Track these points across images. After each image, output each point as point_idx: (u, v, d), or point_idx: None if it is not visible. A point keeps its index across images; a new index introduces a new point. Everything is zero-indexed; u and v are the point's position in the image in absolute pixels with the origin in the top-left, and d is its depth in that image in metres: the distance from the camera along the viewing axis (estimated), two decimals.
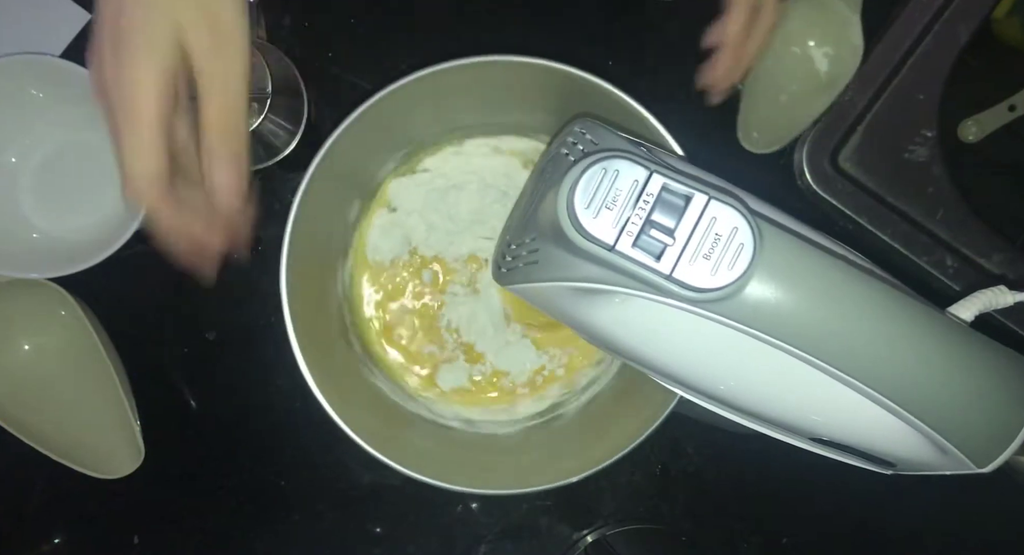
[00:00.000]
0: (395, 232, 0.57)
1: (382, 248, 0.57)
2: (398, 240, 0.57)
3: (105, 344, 0.57)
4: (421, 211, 0.57)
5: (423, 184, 0.57)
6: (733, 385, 0.41)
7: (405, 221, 0.58)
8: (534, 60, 0.49)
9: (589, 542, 0.61)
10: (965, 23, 0.59)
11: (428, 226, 0.58)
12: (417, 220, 0.58)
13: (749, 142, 0.59)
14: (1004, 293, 0.42)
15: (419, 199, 0.58)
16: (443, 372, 0.58)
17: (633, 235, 0.35)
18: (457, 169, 0.58)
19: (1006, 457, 0.38)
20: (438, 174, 0.58)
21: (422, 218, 0.58)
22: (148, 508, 0.62)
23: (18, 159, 0.59)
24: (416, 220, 0.58)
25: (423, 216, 0.57)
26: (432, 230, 0.58)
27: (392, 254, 0.58)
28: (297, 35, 0.61)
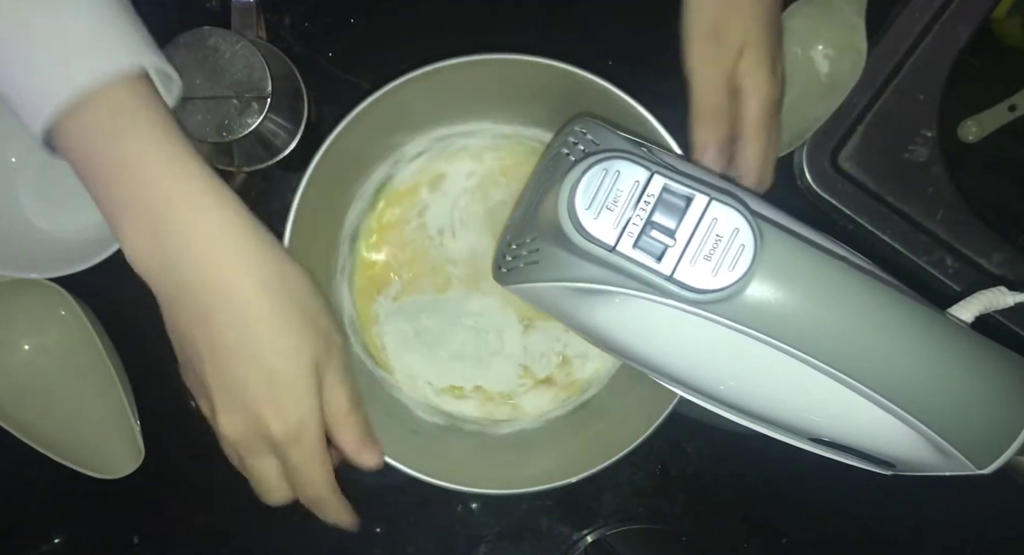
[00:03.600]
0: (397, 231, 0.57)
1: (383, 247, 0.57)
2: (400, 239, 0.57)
3: (105, 344, 0.57)
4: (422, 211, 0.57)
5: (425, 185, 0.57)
6: (733, 385, 0.41)
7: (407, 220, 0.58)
8: (534, 58, 0.49)
9: (589, 542, 0.61)
10: (965, 23, 0.59)
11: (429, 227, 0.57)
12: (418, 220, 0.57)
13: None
14: (1004, 294, 0.42)
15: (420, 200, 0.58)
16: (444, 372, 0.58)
17: (634, 236, 0.35)
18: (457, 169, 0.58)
19: (1006, 458, 0.38)
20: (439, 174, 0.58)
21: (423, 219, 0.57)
22: (148, 508, 0.62)
23: (18, 159, 0.59)
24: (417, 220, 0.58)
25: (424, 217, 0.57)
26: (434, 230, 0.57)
27: (393, 254, 0.57)
28: (297, 35, 0.61)
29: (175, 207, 0.38)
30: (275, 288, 0.40)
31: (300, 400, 0.40)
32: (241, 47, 0.49)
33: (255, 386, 0.40)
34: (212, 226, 0.39)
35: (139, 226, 0.39)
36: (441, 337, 0.58)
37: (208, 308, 0.39)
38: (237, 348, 0.39)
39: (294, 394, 0.40)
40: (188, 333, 0.40)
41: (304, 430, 0.41)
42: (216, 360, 0.40)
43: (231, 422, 0.41)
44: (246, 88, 0.49)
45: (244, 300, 0.39)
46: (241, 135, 0.50)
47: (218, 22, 0.50)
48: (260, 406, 0.40)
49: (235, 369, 0.40)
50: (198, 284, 0.39)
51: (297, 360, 0.40)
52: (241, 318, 0.39)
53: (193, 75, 0.49)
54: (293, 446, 0.41)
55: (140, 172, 0.38)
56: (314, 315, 0.42)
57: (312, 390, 0.41)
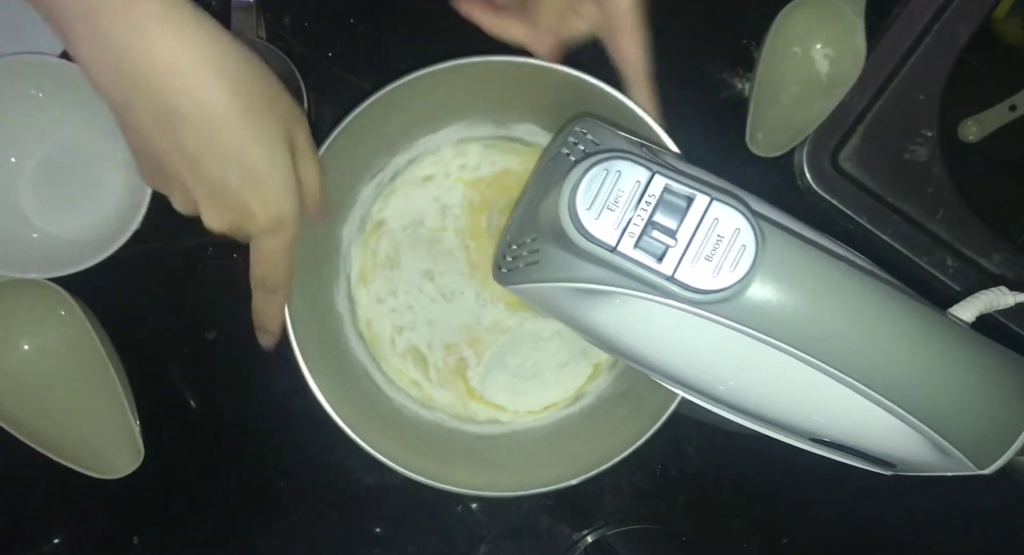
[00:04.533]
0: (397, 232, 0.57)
1: (384, 248, 0.57)
2: (400, 239, 0.57)
3: (105, 344, 0.57)
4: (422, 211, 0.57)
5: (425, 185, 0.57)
6: (734, 386, 0.41)
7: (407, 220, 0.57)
8: (535, 61, 0.49)
9: (589, 542, 0.61)
10: (965, 23, 0.59)
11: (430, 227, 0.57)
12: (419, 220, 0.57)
13: (755, 145, 0.59)
14: (1005, 294, 0.42)
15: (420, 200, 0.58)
16: (444, 371, 0.58)
17: (635, 236, 0.35)
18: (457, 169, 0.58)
19: (1007, 458, 0.38)
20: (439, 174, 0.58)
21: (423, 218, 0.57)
22: (148, 508, 0.62)
23: (18, 159, 0.59)
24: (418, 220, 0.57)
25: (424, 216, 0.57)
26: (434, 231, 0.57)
27: (394, 254, 0.57)
28: (297, 35, 0.61)
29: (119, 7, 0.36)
30: (236, 76, 0.38)
31: (283, 186, 0.40)
32: None
33: (236, 180, 0.39)
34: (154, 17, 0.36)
35: (86, 31, 0.37)
36: (443, 338, 0.58)
37: (167, 105, 0.37)
38: (207, 144, 0.38)
39: (277, 182, 0.40)
40: (150, 134, 0.39)
41: (289, 215, 0.41)
42: (188, 160, 0.39)
43: (218, 216, 0.41)
44: None
45: (203, 93, 0.37)
46: None
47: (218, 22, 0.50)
48: (246, 197, 0.40)
49: (211, 165, 0.39)
50: (152, 81, 0.37)
51: (270, 147, 0.40)
52: (204, 112, 0.38)
53: None
54: (276, 232, 0.41)
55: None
56: (273, 95, 0.40)
57: (290, 175, 0.41)
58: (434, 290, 0.57)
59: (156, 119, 0.38)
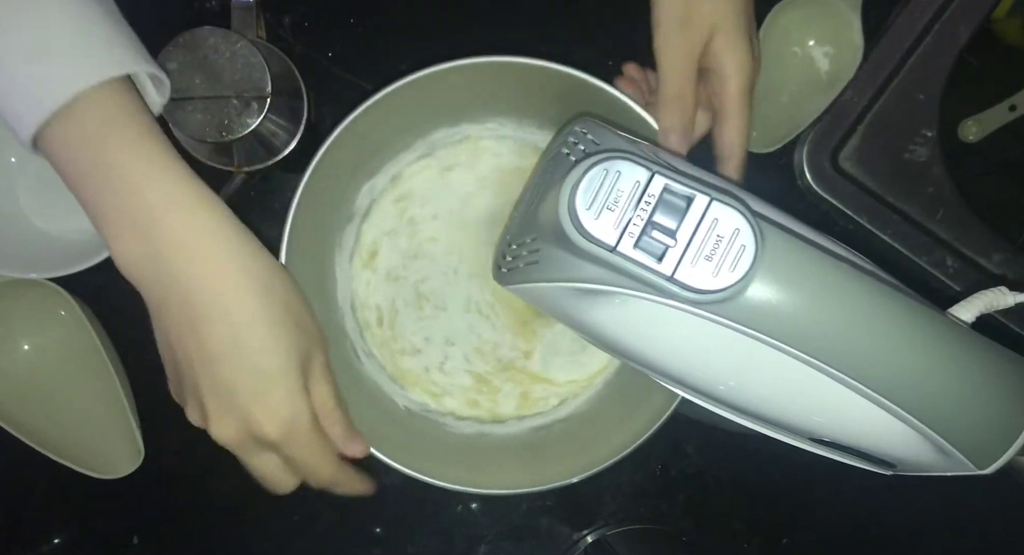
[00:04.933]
0: (397, 232, 0.57)
1: (384, 248, 0.57)
2: (400, 240, 0.57)
3: (105, 344, 0.57)
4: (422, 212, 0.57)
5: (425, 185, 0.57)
6: (734, 386, 0.41)
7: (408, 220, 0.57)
8: (534, 61, 0.49)
9: (589, 542, 0.61)
10: (965, 23, 0.59)
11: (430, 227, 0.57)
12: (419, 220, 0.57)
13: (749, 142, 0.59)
14: (1005, 294, 0.42)
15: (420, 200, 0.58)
16: (444, 371, 0.58)
17: (635, 236, 0.35)
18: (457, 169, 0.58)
19: (1007, 458, 0.38)
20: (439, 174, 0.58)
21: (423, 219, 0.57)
22: (148, 508, 0.62)
23: (18, 159, 0.59)
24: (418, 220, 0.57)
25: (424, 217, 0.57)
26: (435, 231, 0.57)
27: (394, 254, 0.57)
28: (297, 35, 0.61)
29: (161, 211, 0.39)
30: (263, 288, 0.40)
31: (290, 397, 0.41)
32: (241, 47, 0.49)
33: (244, 387, 0.40)
34: (198, 228, 0.39)
35: (126, 231, 0.39)
36: (442, 337, 0.58)
37: (197, 310, 0.39)
38: (227, 350, 0.39)
39: (283, 392, 0.41)
40: (177, 337, 0.40)
41: (297, 425, 0.41)
42: (205, 364, 0.40)
43: (224, 426, 0.41)
44: (246, 88, 0.49)
45: (234, 301, 0.39)
46: (241, 135, 0.50)
47: (218, 22, 0.50)
48: (251, 407, 0.40)
49: (224, 372, 0.40)
50: (186, 286, 0.39)
51: (285, 359, 0.41)
52: (231, 319, 0.39)
53: (193, 75, 0.49)
54: (290, 442, 0.42)
55: (124, 179, 0.38)
56: (298, 313, 0.42)
57: (300, 386, 0.41)
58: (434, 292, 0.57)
59: (186, 320, 0.39)
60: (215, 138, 0.50)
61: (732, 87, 0.48)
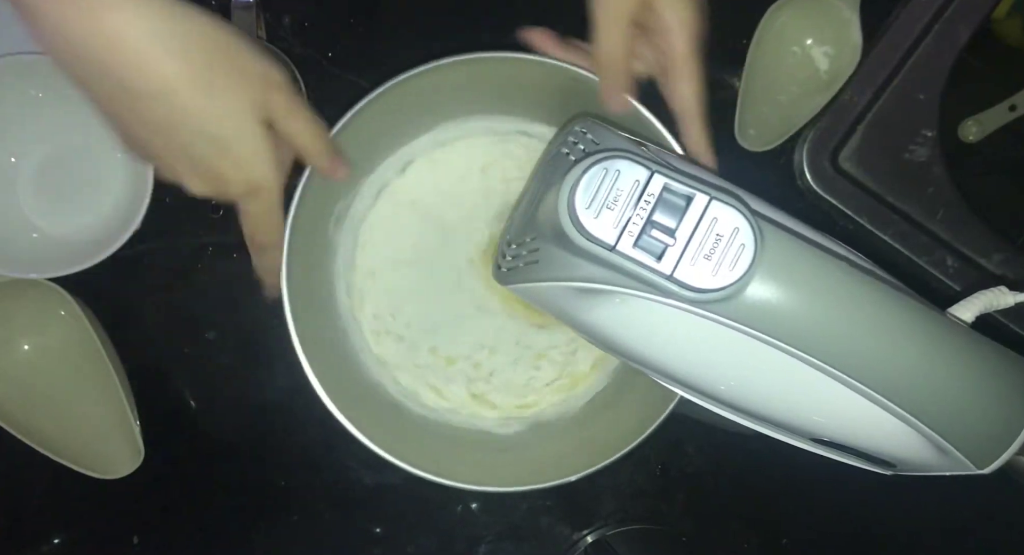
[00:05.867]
0: (397, 231, 0.57)
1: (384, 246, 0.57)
2: (400, 238, 0.57)
3: (105, 344, 0.57)
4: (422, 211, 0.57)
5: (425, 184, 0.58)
6: (734, 385, 0.41)
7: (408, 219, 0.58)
8: (534, 57, 0.49)
9: (589, 542, 0.61)
10: (965, 23, 0.59)
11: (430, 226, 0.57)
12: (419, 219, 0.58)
13: (746, 140, 0.60)
14: (1004, 294, 0.42)
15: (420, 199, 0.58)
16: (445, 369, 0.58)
17: (634, 235, 0.35)
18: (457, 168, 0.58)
19: (1006, 458, 0.39)
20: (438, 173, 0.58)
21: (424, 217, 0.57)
22: (148, 508, 0.62)
23: (18, 159, 0.59)
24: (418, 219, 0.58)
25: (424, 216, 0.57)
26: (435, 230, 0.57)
27: (394, 254, 0.57)
28: (297, 35, 0.61)
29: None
30: (189, 47, 0.38)
31: (253, 152, 0.41)
32: None
33: (205, 150, 0.40)
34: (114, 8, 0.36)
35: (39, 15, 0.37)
36: (442, 336, 0.58)
37: (121, 82, 0.37)
38: (169, 118, 0.38)
39: (246, 148, 0.40)
40: (114, 111, 0.39)
41: (264, 180, 0.42)
42: (155, 133, 0.39)
43: (197, 183, 0.41)
44: None
45: (157, 68, 0.37)
46: None
47: None
48: (217, 166, 0.40)
49: (178, 138, 0.39)
50: (104, 60, 0.37)
51: (236, 118, 0.40)
52: (160, 88, 0.38)
53: None
54: (254, 196, 0.42)
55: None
56: (236, 61, 0.40)
57: (262, 141, 0.41)
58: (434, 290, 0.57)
59: (114, 96, 0.38)
60: None
61: (676, 42, 0.46)
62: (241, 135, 0.40)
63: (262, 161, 0.41)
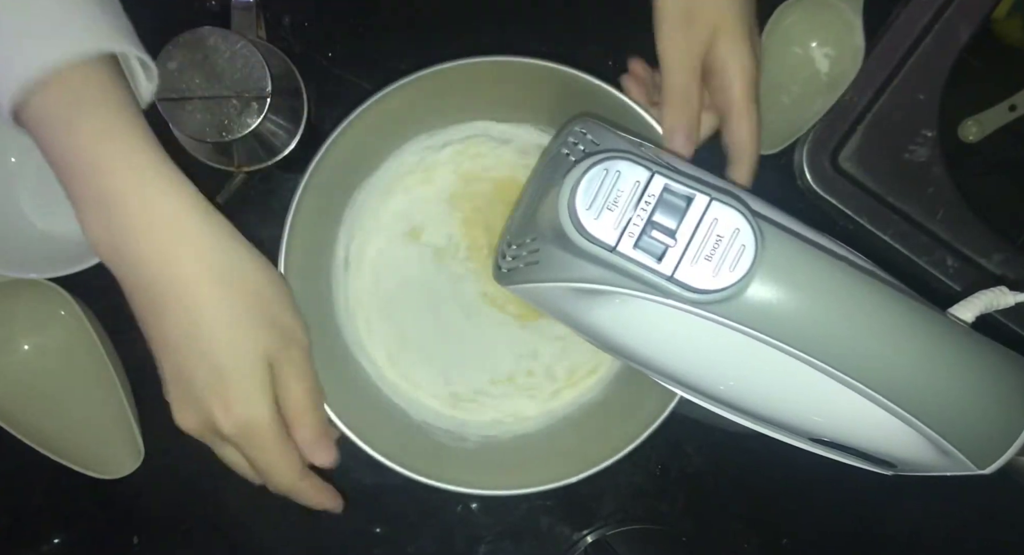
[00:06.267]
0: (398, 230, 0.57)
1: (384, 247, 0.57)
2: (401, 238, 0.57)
3: (105, 344, 0.57)
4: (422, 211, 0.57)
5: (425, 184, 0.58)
6: (734, 386, 0.41)
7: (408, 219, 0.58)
8: (534, 61, 0.49)
9: (589, 542, 0.61)
10: (965, 23, 0.59)
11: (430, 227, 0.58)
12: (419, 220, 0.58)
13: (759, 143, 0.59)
14: (1005, 294, 0.42)
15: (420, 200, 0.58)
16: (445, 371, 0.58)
17: (635, 236, 0.35)
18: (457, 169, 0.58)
19: (1007, 458, 0.38)
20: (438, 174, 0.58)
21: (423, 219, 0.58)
22: (148, 508, 0.62)
23: (18, 159, 0.59)
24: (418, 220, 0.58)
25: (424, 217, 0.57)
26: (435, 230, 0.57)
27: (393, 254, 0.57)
28: (297, 35, 0.61)
29: (124, 196, 0.38)
30: (227, 280, 0.39)
31: (248, 398, 0.40)
32: (241, 47, 0.49)
33: (203, 382, 0.39)
34: (161, 215, 0.38)
35: (94, 212, 0.38)
36: (439, 338, 0.58)
37: (157, 298, 0.38)
38: (185, 342, 0.39)
39: (242, 392, 0.40)
40: (143, 322, 0.40)
41: (254, 428, 0.40)
42: (166, 352, 0.40)
43: (183, 416, 0.41)
44: (246, 88, 0.49)
45: (191, 291, 0.38)
46: (241, 135, 0.50)
47: (218, 22, 0.50)
48: (209, 403, 0.39)
49: (184, 363, 0.39)
50: (147, 274, 0.38)
51: (245, 356, 0.40)
52: (188, 310, 0.38)
53: (193, 75, 0.49)
54: (246, 443, 0.41)
55: (92, 160, 0.38)
56: (269, 308, 0.41)
57: (262, 387, 0.40)
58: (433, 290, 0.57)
59: (148, 306, 0.39)
60: (215, 138, 0.50)
61: (737, 88, 0.47)
62: (244, 373, 0.40)
63: (255, 404, 0.40)
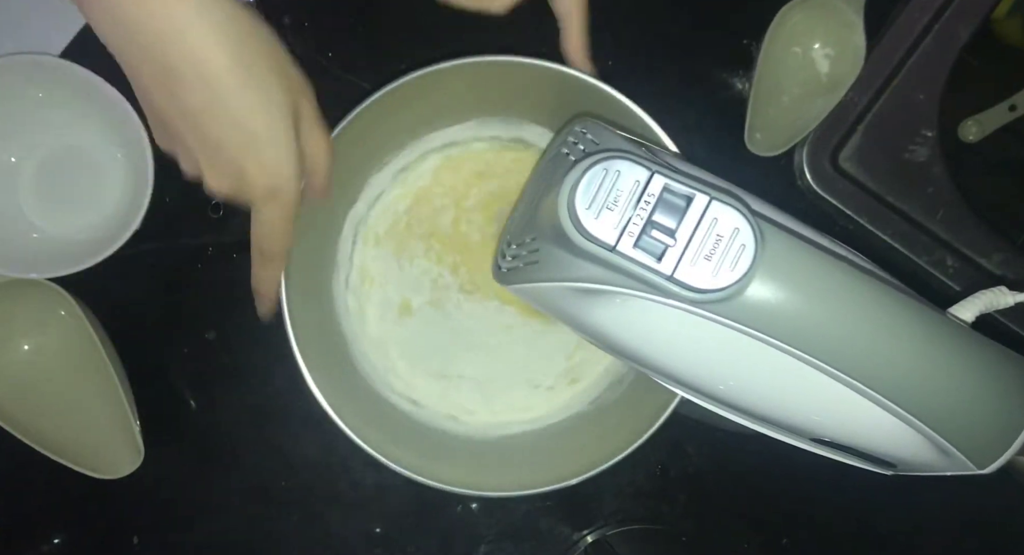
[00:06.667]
0: (399, 229, 0.57)
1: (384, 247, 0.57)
2: (401, 238, 0.57)
3: (105, 344, 0.57)
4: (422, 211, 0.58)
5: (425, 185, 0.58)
6: (734, 385, 0.41)
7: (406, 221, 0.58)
8: (534, 61, 0.49)
9: (589, 542, 0.61)
10: (965, 23, 0.59)
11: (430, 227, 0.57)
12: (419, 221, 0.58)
13: (754, 144, 0.59)
14: (1004, 294, 0.42)
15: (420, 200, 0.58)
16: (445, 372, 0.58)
17: (634, 236, 0.35)
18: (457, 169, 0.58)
19: (1007, 458, 0.39)
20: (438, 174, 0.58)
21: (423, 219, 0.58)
22: (148, 508, 0.62)
23: (18, 159, 0.59)
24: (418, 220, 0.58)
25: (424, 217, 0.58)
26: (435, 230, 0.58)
27: (394, 255, 0.57)
28: (297, 35, 0.61)
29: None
30: (238, 41, 0.38)
31: (282, 156, 0.40)
32: None
33: (236, 146, 0.39)
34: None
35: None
36: (444, 336, 0.58)
37: (170, 68, 0.38)
38: (208, 109, 0.38)
39: (276, 150, 0.40)
40: (156, 95, 0.39)
41: (286, 185, 0.41)
42: (190, 122, 0.39)
43: (218, 179, 0.41)
44: None
45: (206, 56, 0.38)
46: None
47: None
48: (244, 164, 0.40)
49: (212, 130, 0.39)
50: (160, 47, 0.37)
51: (274, 115, 0.40)
52: (206, 76, 0.38)
53: None
54: (273, 201, 0.41)
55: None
56: (281, 65, 0.41)
57: (292, 144, 0.41)
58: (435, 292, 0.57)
59: (160, 80, 0.38)
60: None
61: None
62: (274, 135, 0.40)
63: (288, 165, 0.41)
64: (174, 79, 0.38)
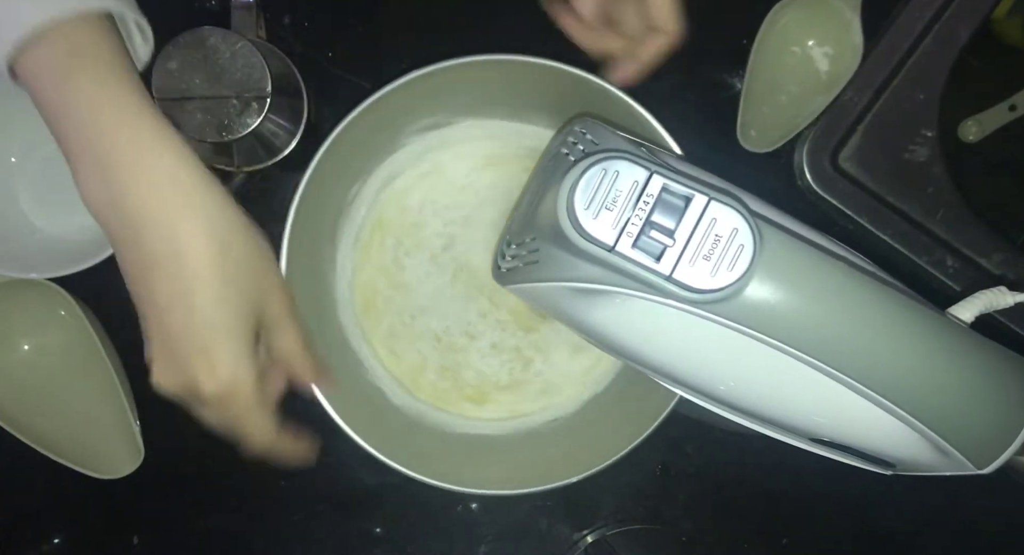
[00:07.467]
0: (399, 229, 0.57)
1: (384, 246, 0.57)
2: (402, 238, 0.57)
3: (105, 344, 0.57)
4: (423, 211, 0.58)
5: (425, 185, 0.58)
6: (733, 385, 0.41)
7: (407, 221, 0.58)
8: (534, 59, 0.49)
9: (589, 542, 0.61)
10: (965, 23, 0.59)
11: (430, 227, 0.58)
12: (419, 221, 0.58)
13: (748, 141, 0.59)
14: (1004, 294, 0.42)
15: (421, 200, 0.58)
16: (444, 371, 0.58)
17: (633, 236, 0.35)
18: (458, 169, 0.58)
19: (1006, 458, 0.38)
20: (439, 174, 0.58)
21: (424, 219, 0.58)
22: (148, 508, 0.62)
23: (18, 159, 0.59)
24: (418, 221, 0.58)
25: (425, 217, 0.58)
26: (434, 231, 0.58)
27: (394, 255, 0.57)
28: (297, 35, 0.61)
29: (120, 151, 0.38)
30: (217, 240, 0.39)
31: (234, 355, 0.40)
32: (241, 47, 0.49)
33: (188, 340, 0.39)
34: (155, 171, 0.38)
35: (88, 167, 0.38)
36: (444, 336, 0.58)
37: (148, 254, 0.38)
38: (175, 298, 0.38)
39: (228, 349, 0.39)
40: (132, 279, 0.40)
41: (237, 387, 0.40)
42: (154, 309, 0.39)
43: (164, 375, 0.40)
44: (246, 88, 0.49)
45: (184, 249, 0.38)
46: (241, 135, 0.50)
47: (218, 22, 0.50)
48: (193, 361, 0.39)
49: (171, 320, 0.39)
50: (139, 229, 0.38)
51: (234, 316, 0.39)
52: (180, 266, 0.38)
53: (193, 75, 0.49)
54: (227, 403, 0.41)
55: (88, 114, 0.38)
56: (255, 265, 0.41)
57: (247, 344, 0.40)
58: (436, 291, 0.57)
59: (139, 263, 0.39)
60: (215, 138, 0.50)
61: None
62: (232, 329, 0.39)
63: (243, 361, 0.40)
64: (150, 265, 0.38)
